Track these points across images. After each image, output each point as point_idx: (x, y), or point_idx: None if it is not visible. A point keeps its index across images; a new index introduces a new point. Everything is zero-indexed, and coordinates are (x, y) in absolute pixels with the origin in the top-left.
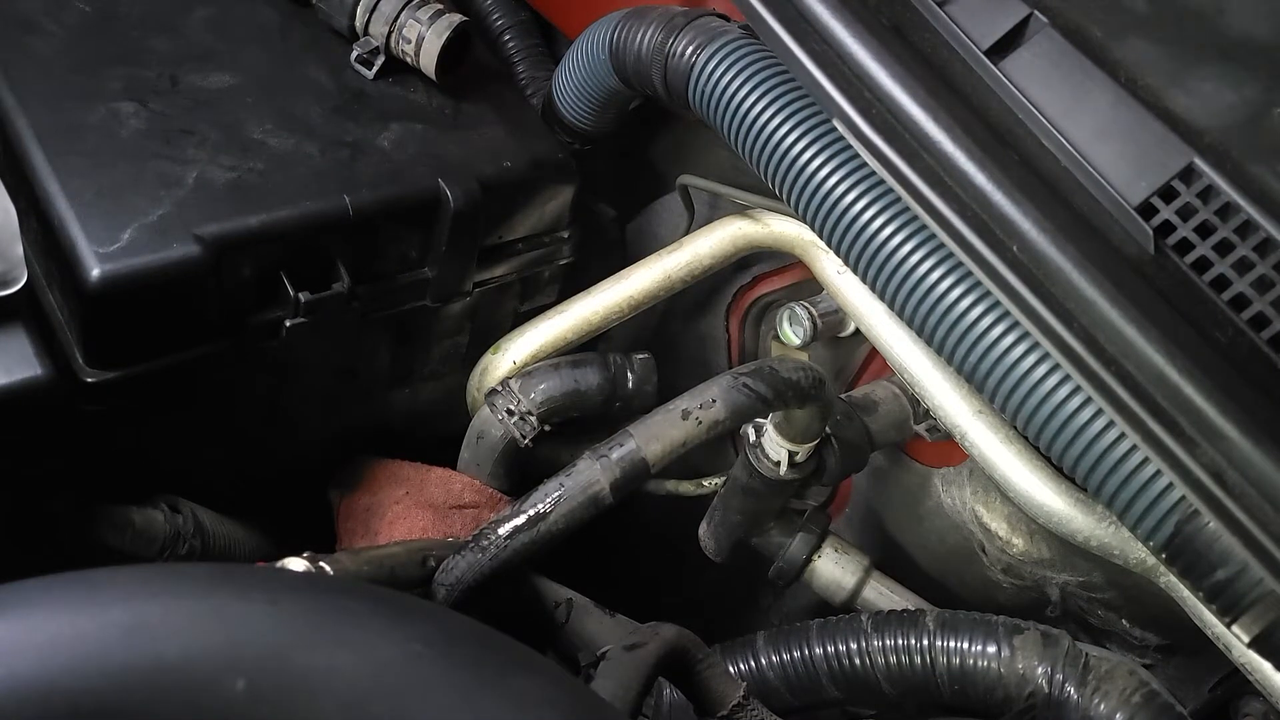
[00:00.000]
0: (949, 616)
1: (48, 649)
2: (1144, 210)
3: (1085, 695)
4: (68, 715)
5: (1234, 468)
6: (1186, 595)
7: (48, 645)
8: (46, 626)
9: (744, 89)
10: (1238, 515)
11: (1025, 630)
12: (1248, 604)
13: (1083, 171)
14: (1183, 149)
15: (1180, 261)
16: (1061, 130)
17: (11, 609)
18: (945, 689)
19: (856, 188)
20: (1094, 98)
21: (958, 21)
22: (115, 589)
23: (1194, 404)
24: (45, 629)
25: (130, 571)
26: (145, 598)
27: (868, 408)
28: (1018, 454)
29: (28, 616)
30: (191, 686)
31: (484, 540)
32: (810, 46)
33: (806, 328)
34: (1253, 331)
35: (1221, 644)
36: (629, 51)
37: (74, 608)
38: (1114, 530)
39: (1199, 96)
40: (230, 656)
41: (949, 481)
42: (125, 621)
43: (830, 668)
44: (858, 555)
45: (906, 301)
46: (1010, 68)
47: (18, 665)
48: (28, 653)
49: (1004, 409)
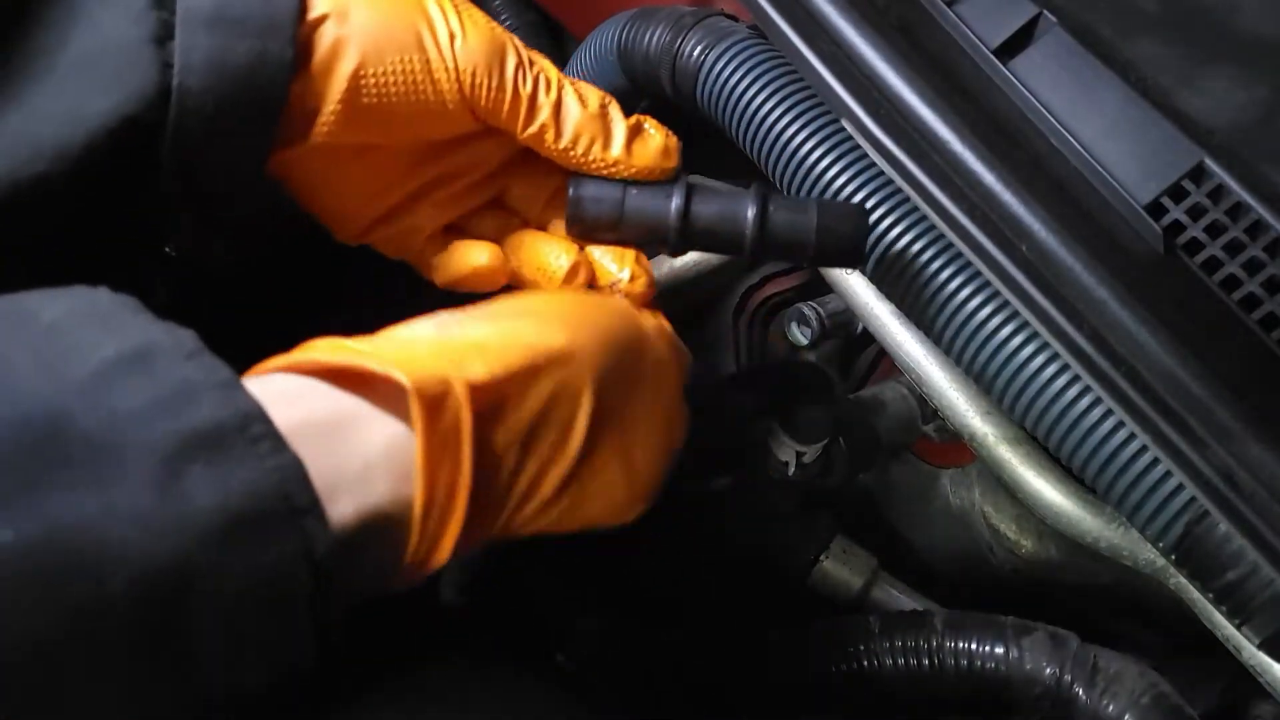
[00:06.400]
0: (957, 617)
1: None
2: (1153, 210)
3: (1094, 696)
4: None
5: (1244, 469)
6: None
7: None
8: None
9: (752, 89)
10: (1248, 516)
11: (1034, 631)
12: (1258, 605)
13: (1092, 171)
14: (1193, 149)
15: (1190, 261)
16: (1071, 130)
17: None
18: (953, 689)
19: (865, 188)
20: (1103, 97)
21: (967, 21)
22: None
23: (1204, 404)
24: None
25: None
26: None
27: (876, 408)
28: (1027, 455)
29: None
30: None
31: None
32: (819, 46)
33: (814, 328)
34: (1263, 332)
35: (1231, 645)
36: (637, 52)
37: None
38: (1123, 531)
39: (1209, 96)
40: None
41: (957, 482)
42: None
43: (837, 669)
44: (865, 556)
45: (915, 302)
46: (1019, 67)
47: None
48: None
49: (1013, 409)
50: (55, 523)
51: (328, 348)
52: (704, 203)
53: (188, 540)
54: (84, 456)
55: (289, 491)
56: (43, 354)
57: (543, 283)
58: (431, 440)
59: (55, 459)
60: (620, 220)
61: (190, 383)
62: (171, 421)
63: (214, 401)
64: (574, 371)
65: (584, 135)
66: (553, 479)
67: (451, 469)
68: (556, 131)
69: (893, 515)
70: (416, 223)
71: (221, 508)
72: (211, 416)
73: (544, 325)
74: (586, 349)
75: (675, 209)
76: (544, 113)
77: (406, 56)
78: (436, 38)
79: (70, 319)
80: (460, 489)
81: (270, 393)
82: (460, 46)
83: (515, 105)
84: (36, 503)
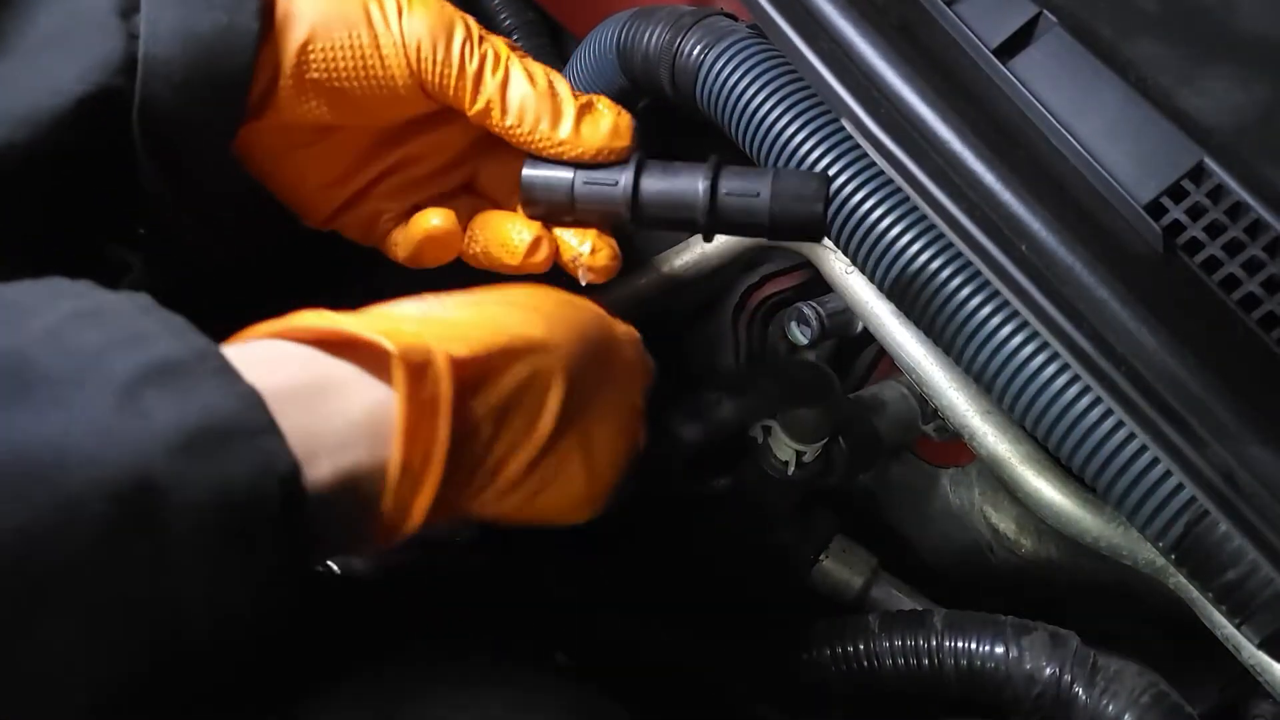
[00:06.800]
0: (957, 617)
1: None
2: (1153, 209)
3: (1094, 696)
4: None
5: (1244, 468)
6: (1196, 596)
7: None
8: None
9: (751, 88)
10: (1248, 516)
11: (1033, 630)
12: (1258, 605)
13: (1092, 170)
14: (1192, 148)
15: (1190, 261)
16: (1070, 129)
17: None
18: (953, 689)
19: (864, 187)
20: (1103, 97)
21: (966, 21)
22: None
23: (1204, 404)
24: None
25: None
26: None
27: (876, 408)
28: (1026, 454)
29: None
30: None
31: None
32: (818, 46)
33: (814, 327)
34: (1263, 331)
35: (1231, 645)
36: (636, 51)
37: None
38: (1123, 531)
39: (1209, 96)
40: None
41: (957, 481)
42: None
43: (837, 668)
44: (865, 555)
45: (915, 301)
46: (1019, 67)
47: None
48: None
49: (1013, 409)
50: (16, 437)
51: (315, 316)
52: (654, 179)
53: (147, 450)
54: (44, 386)
55: (245, 415)
56: (1, 314)
57: (506, 258)
58: (412, 406)
59: (16, 388)
60: (573, 203)
61: (146, 328)
62: (129, 357)
63: (169, 341)
64: (549, 360)
65: (529, 113)
66: (520, 460)
67: (429, 436)
68: (502, 109)
69: (892, 515)
70: (380, 207)
71: (179, 422)
72: (168, 352)
73: (524, 314)
74: (562, 341)
75: (624, 188)
76: (489, 89)
77: (354, 32)
78: (385, 12)
79: (26, 290)
80: (436, 456)
81: (256, 355)
82: (407, 21)
83: (461, 81)
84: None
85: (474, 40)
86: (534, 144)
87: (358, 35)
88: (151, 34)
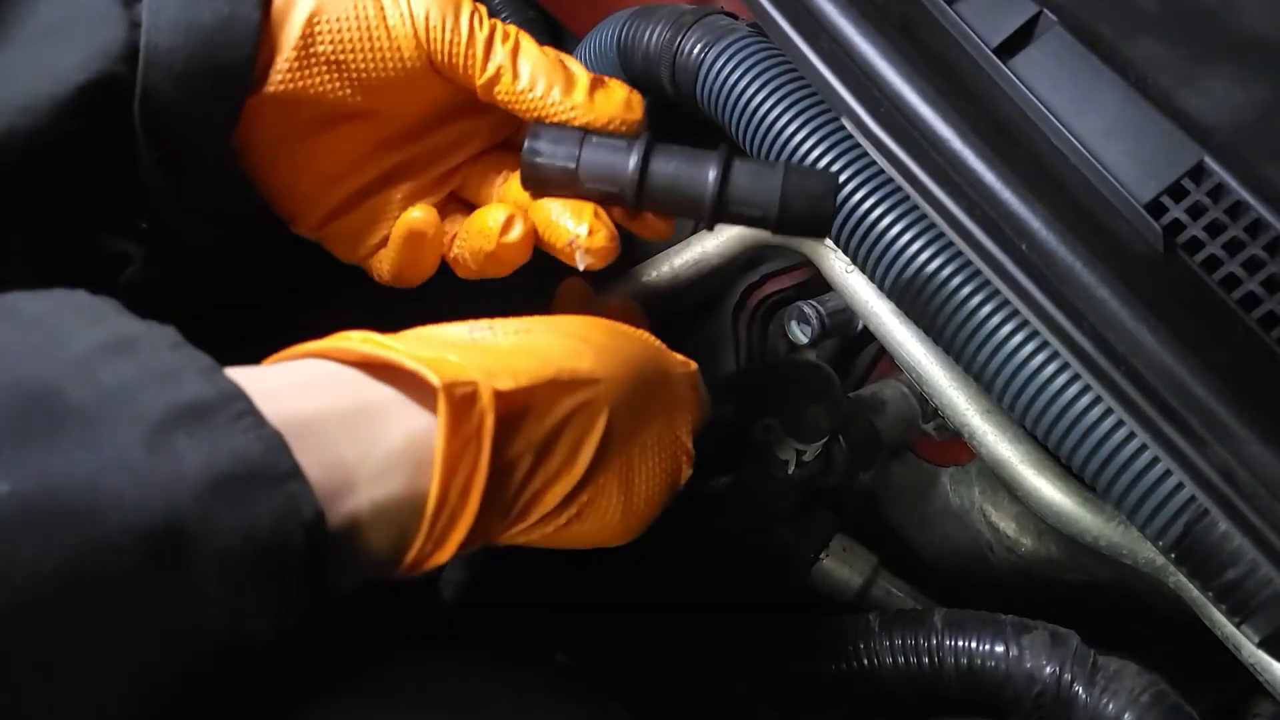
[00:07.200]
0: (957, 616)
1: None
2: (1153, 209)
3: (1094, 695)
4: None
5: (1244, 467)
6: (1196, 595)
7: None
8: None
9: (752, 87)
10: (1248, 515)
11: (1033, 630)
12: (1258, 604)
13: (1092, 170)
14: (1192, 147)
15: (1190, 260)
16: (1071, 128)
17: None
18: (953, 688)
19: (865, 186)
20: (1103, 96)
21: (967, 20)
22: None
23: (1204, 403)
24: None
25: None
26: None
27: (876, 407)
28: (1026, 453)
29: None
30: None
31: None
32: (819, 45)
33: (814, 326)
34: (1263, 330)
35: (1231, 644)
36: (637, 50)
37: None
38: (1123, 530)
39: (1209, 95)
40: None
41: (957, 480)
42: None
43: (837, 667)
44: (865, 554)
45: (915, 300)
46: (1019, 66)
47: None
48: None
49: (1013, 408)
50: (50, 476)
51: (360, 339)
52: (664, 160)
53: (178, 493)
54: (76, 422)
55: (272, 458)
56: (30, 337)
57: (484, 245)
58: (454, 440)
59: (48, 423)
60: (576, 171)
61: (174, 365)
62: (158, 396)
63: (197, 382)
64: (594, 394)
65: (542, 77)
66: (556, 493)
67: (469, 470)
68: (514, 73)
69: (893, 514)
70: (373, 215)
71: (209, 466)
72: (196, 393)
73: (573, 345)
74: (609, 375)
75: (634, 164)
76: (500, 55)
77: (361, 4)
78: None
79: (55, 313)
80: (474, 490)
81: (299, 377)
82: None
83: (471, 48)
84: (31, 459)
85: (482, 13)
86: (546, 109)
87: (363, 6)
88: (153, 23)
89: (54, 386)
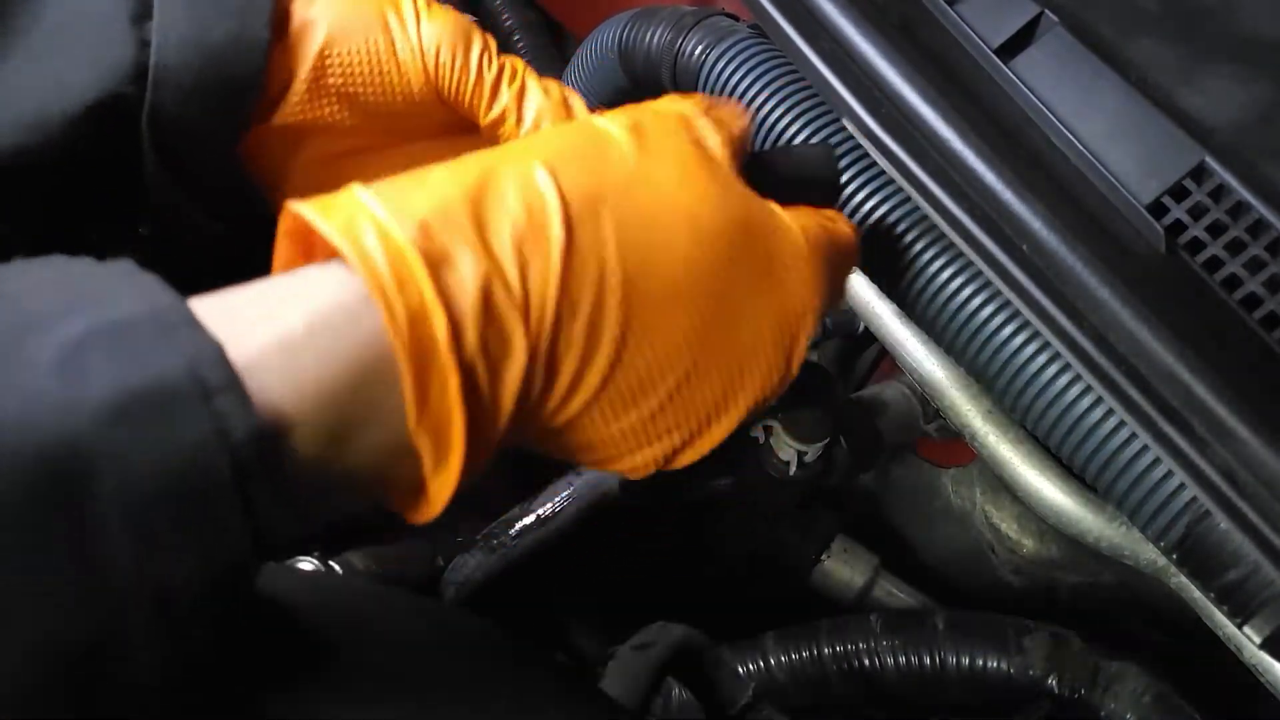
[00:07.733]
0: (958, 617)
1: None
2: (1155, 209)
3: (1095, 696)
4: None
5: (1246, 468)
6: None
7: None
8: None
9: (753, 88)
10: (1250, 516)
11: (1035, 631)
12: (1259, 605)
13: (1093, 170)
14: (1194, 148)
15: (1191, 261)
16: (1072, 129)
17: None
18: (954, 688)
19: (866, 186)
20: (1105, 96)
21: (967, 20)
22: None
23: (1205, 404)
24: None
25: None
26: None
27: (877, 408)
28: (1028, 454)
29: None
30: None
31: (493, 540)
32: (819, 46)
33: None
34: (1265, 331)
35: (1232, 645)
36: (638, 51)
37: None
38: (1124, 531)
39: (1210, 95)
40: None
41: (958, 481)
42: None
43: (839, 667)
44: (866, 555)
45: (916, 301)
46: (1020, 66)
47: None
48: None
49: (1014, 409)
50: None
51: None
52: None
53: (78, 418)
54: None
55: (199, 372)
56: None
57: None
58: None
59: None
60: None
61: (113, 288)
62: (83, 318)
63: (132, 301)
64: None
65: (545, 122)
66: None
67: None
68: (518, 117)
69: (894, 515)
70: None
71: (116, 387)
72: (126, 311)
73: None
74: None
75: None
76: (506, 98)
77: (372, 37)
78: (402, 18)
79: (16, 267)
80: (455, 411)
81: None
82: (425, 26)
83: (479, 89)
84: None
85: (491, 51)
86: None
87: (374, 40)
88: (163, 42)
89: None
